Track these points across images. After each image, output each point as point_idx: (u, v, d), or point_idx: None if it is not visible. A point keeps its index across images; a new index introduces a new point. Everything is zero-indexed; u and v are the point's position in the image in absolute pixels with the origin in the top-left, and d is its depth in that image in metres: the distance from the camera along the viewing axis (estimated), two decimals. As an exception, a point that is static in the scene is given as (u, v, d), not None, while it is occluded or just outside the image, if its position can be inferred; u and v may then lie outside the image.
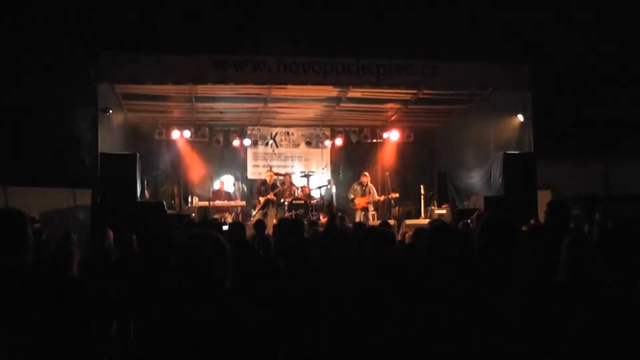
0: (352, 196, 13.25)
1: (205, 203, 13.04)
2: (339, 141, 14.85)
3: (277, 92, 11.59)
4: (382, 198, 13.52)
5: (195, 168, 14.51)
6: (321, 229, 6.62)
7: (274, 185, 12.96)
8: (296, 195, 13.11)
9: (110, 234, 6.52)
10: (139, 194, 10.59)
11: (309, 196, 13.25)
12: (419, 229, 5.74)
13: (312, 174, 14.17)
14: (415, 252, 5.05)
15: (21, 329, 2.61)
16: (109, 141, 10.63)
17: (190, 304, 2.35)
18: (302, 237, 5.48)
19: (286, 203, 12.87)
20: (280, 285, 3.88)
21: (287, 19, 16.79)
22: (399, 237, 7.86)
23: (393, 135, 14.68)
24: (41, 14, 15.49)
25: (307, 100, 12.67)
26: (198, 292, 2.35)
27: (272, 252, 4.95)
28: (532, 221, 7.78)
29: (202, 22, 16.34)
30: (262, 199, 12.69)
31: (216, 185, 13.70)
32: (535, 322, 2.68)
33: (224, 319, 2.33)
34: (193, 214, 12.48)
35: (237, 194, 14.05)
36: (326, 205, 13.20)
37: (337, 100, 12.41)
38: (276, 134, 15.08)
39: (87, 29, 15.02)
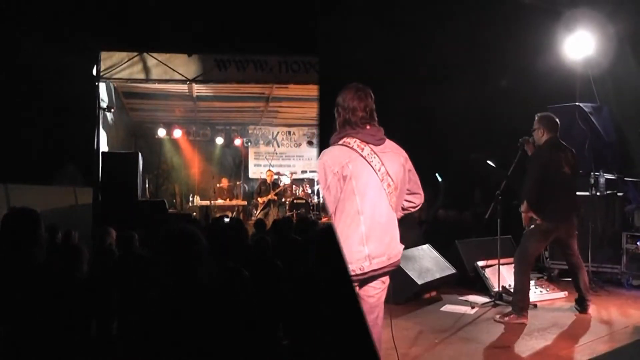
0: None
1: (207, 202, 13.05)
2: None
3: (279, 91, 11.58)
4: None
5: (196, 167, 14.52)
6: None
7: (274, 184, 12.92)
8: (297, 194, 13.10)
9: (113, 232, 6.52)
10: (140, 193, 10.59)
11: (309, 195, 13.24)
12: None
13: (314, 174, 14.11)
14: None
15: (24, 328, 2.62)
16: (110, 140, 10.63)
17: (168, 295, 2.41)
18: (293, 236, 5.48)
19: (287, 202, 12.86)
20: (276, 282, 3.89)
21: (287, 18, 16.76)
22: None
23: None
24: (42, 12, 15.48)
25: (309, 100, 12.66)
26: (175, 284, 2.41)
27: (269, 251, 4.94)
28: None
29: (204, 20, 16.31)
30: (261, 199, 12.66)
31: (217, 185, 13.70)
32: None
33: (204, 311, 2.38)
34: (194, 213, 12.48)
35: (239, 192, 14.06)
36: None
37: (339, 99, 12.37)
38: (278, 133, 15.07)
39: (89, 27, 15.00)
